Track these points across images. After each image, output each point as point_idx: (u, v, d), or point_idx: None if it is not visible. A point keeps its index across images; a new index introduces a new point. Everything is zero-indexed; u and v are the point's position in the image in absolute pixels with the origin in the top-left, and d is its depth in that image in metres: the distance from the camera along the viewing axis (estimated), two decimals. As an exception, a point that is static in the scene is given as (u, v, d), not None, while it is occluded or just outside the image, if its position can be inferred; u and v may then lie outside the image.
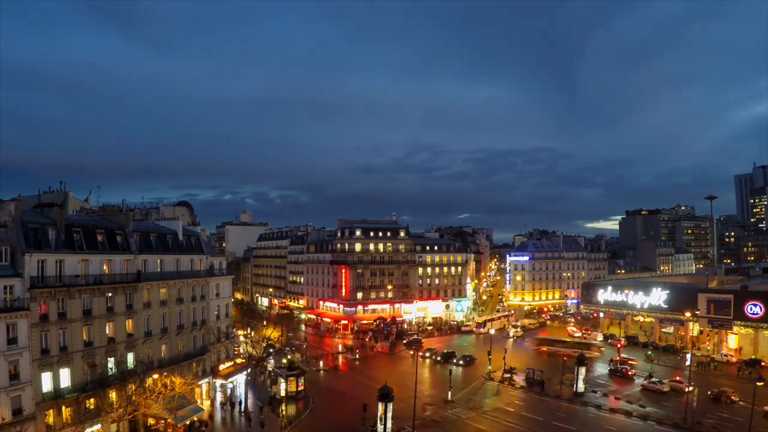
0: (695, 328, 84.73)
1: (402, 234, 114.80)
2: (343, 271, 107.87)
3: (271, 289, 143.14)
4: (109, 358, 44.46)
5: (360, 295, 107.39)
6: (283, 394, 57.02)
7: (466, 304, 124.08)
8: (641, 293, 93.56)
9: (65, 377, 40.74)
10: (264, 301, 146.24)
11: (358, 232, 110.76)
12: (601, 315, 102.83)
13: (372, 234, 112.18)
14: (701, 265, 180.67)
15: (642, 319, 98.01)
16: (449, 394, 58.46)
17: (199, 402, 53.72)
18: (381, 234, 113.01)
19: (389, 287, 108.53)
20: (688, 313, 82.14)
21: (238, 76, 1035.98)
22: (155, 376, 47.88)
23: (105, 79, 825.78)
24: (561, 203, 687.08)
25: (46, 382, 39.34)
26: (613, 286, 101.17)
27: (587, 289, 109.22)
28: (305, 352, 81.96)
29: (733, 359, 74.95)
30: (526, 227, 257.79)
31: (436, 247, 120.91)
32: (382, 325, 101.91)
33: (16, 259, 38.29)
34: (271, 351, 67.40)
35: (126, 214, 52.30)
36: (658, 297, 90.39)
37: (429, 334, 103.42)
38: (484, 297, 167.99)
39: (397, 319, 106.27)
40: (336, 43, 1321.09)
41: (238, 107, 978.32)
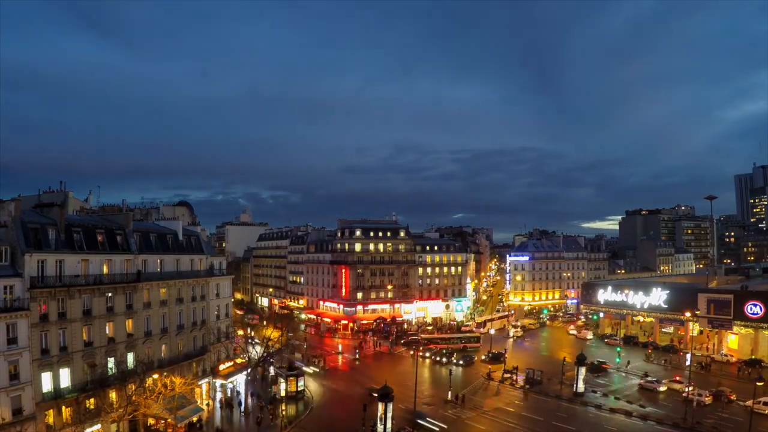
0: (695, 328, 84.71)
1: (402, 234, 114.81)
2: (343, 271, 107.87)
3: (271, 289, 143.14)
4: (109, 358, 44.46)
5: (360, 295, 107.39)
6: (283, 394, 57.00)
7: (466, 304, 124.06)
8: (641, 293, 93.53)
9: (65, 377, 40.74)
10: (264, 301, 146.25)
11: (358, 232, 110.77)
12: (601, 315, 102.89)
13: (372, 234, 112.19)
14: (701, 265, 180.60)
15: (642, 319, 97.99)
16: (449, 394, 58.50)
17: (199, 402, 53.71)
18: (381, 234, 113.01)
19: (389, 287, 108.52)
20: (688, 313, 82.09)
21: (220, 79, 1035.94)
22: (155, 376, 47.87)
23: (84, 81, 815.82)
24: (554, 203, 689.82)
25: (46, 382, 39.34)
26: (613, 286, 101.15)
27: (587, 289, 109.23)
28: (305, 352, 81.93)
29: (733, 359, 74.94)
30: (526, 227, 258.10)
31: (436, 247, 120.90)
32: (382, 325, 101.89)
33: (16, 259, 38.29)
34: (271, 351, 67.37)
35: (126, 214, 52.30)
36: (658, 297, 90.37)
37: (429, 334, 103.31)
38: (484, 297, 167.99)
39: (397, 319, 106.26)
40: (315, 44, 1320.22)
41: (222, 108, 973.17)
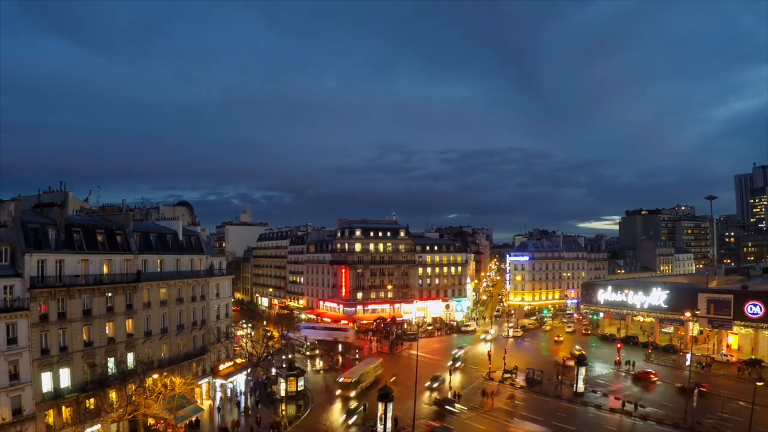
0: (695, 328, 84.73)
1: (402, 234, 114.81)
2: (343, 271, 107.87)
3: (271, 289, 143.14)
4: (109, 358, 44.47)
5: (360, 295, 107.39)
6: (283, 394, 56.98)
7: (466, 304, 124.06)
8: (641, 293, 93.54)
9: (65, 377, 40.76)
10: (264, 301, 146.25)
11: (358, 232, 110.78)
12: (601, 315, 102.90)
13: (372, 234, 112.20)
14: (701, 265, 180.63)
15: (642, 319, 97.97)
16: (449, 393, 58.46)
17: (199, 402, 53.72)
18: (381, 234, 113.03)
19: (389, 287, 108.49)
20: (688, 313, 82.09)
21: (199, 80, 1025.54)
22: (155, 376, 47.89)
23: (63, 84, 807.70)
24: (547, 203, 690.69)
25: (46, 382, 39.35)
26: (613, 286, 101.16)
27: (587, 289, 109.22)
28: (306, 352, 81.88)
29: (733, 359, 74.94)
30: (526, 227, 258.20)
31: (436, 247, 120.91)
32: (382, 325, 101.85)
33: (16, 259, 38.30)
34: (271, 351, 67.36)
35: (126, 214, 52.30)
36: (658, 297, 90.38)
37: (429, 334, 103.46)
38: (484, 297, 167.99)
39: (397, 319, 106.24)
40: (289, 45, 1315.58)
41: (204, 110, 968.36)
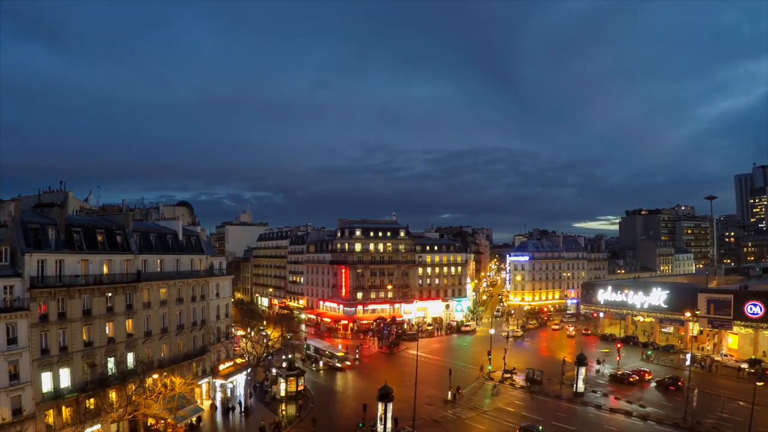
0: (695, 328, 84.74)
1: (402, 234, 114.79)
2: (343, 271, 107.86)
3: (271, 289, 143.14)
4: (109, 358, 44.46)
5: (360, 295, 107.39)
6: (283, 394, 57.00)
7: (466, 304, 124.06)
8: (641, 293, 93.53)
9: (65, 377, 40.74)
10: (264, 301, 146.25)
11: (358, 232, 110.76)
12: (601, 315, 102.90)
13: (372, 234, 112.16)
14: (701, 265, 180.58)
15: (642, 319, 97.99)
16: (449, 393, 58.50)
17: (199, 402, 53.73)
18: (381, 234, 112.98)
19: (389, 287, 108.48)
20: (688, 313, 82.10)
21: (172, 84, 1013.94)
22: (155, 376, 47.91)
23: (35, 87, 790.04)
24: (539, 203, 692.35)
25: (46, 382, 39.34)
26: (613, 286, 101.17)
27: (587, 289, 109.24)
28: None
29: (732, 359, 74.94)
30: (526, 227, 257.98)
31: (436, 247, 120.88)
32: (382, 325, 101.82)
33: (16, 259, 38.28)
34: (271, 351, 67.37)
35: (126, 214, 52.27)
36: (658, 297, 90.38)
37: (429, 334, 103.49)
38: (484, 297, 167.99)
39: (397, 319, 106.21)
40: (259, 46, 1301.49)
41: (182, 111, 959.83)
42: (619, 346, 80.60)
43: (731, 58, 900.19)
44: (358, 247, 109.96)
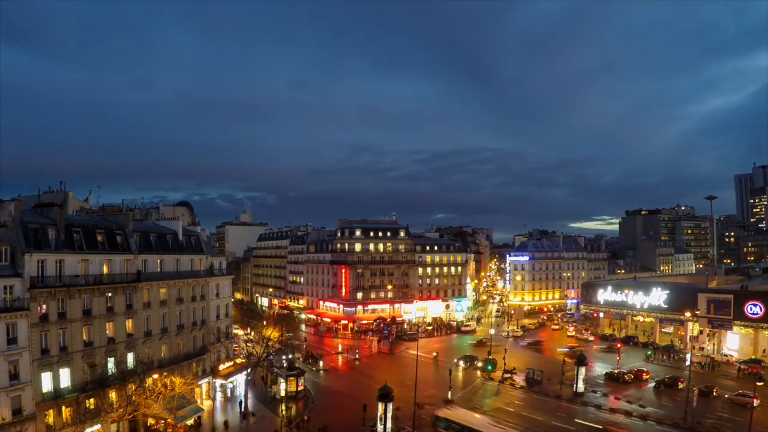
0: (695, 328, 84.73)
1: (402, 234, 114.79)
2: (343, 271, 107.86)
3: (271, 289, 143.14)
4: (109, 358, 44.46)
5: (360, 295, 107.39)
6: (283, 394, 57.00)
7: (465, 304, 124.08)
8: (641, 293, 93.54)
9: (65, 377, 40.75)
10: (264, 301, 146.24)
11: (358, 232, 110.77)
12: (601, 315, 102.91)
13: (372, 234, 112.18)
14: (701, 265, 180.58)
15: (642, 319, 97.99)
16: (449, 393, 58.49)
17: (199, 402, 53.73)
18: (381, 234, 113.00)
19: (389, 287, 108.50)
20: (688, 313, 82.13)
21: (150, 86, 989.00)
22: (155, 376, 47.91)
23: (16, 89, 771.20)
24: (532, 203, 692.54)
25: (46, 382, 39.34)
26: (613, 286, 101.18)
27: (587, 289, 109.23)
28: (308, 352, 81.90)
29: (733, 359, 74.93)
30: (526, 227, 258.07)
31: (436, 247, 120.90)
32: (382, 325, 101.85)
33: (16, 259, 38.28)
34: (271, 351, 67.35)
35: (126, 214, 52.26)
36: (658, 297, 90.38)
37: (429, 334, 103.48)
38: (484, 297, 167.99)
39: (397, 319, 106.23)
40: (237, 48, 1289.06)
41: (164, 113, 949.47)
42: (618, 346, 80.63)
43: (717, 54, 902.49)
44: (358, 247, 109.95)
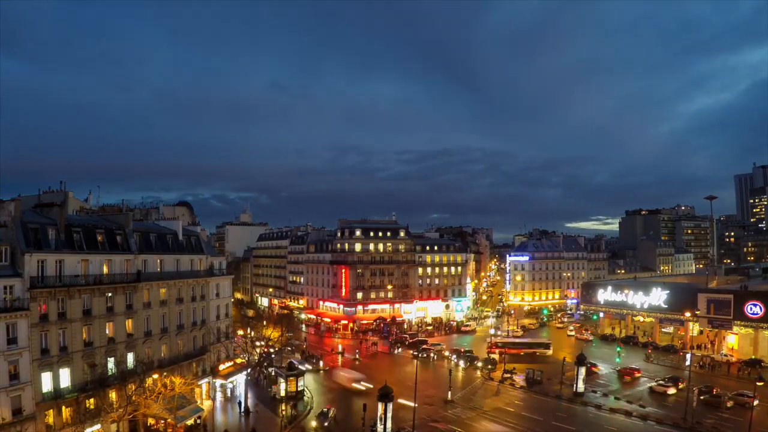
0: (695, 328, 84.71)
1: (402, 234, 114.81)
2: (343, 271, 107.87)
3: (271, 289, 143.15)
4: (109, 358, 44.45)
5: (360, 295, 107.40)
6: (283, 394, 56.99)
7: (466, 304, 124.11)
8: (641, 293, 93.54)
9: (65, 377, 40.73)
10: (264, 301, 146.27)
11: (358, 232, 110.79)
12: (601, 315, 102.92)
13: (372, 234, 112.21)
14: (701, 265, 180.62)
15: (642, 319, 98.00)
16: (449, 394, 58.50)
17: (199, 402, 53.73)
18: (381, 234, 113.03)
19: (389, 287, 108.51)
20: (688, 313, 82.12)
21: (127, 88, 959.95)
22: (155, 376, 47.89)
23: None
24: (525, 203, 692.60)
25: (46, 382, 39.33)
26: (613, 286, 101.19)
27: (587, 289, 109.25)
28: (305, 352, 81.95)
29: (733, 359, 74.93)
30: (526, 227, 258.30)
31: (436, 247, 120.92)
32: (382, 325, 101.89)
33: (16, 259, 38.27)
34: (271, 351, 67.37)
35: (126, 214, 52.24)
36: (658, 297, 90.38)
37: (429, 334, 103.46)
38: (484, 297, 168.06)
39: (397, 319, 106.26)
40: (213, 49, 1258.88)
41: (145, 114, 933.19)
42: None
43: (703, 51, 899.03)
44: (358, 247, 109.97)
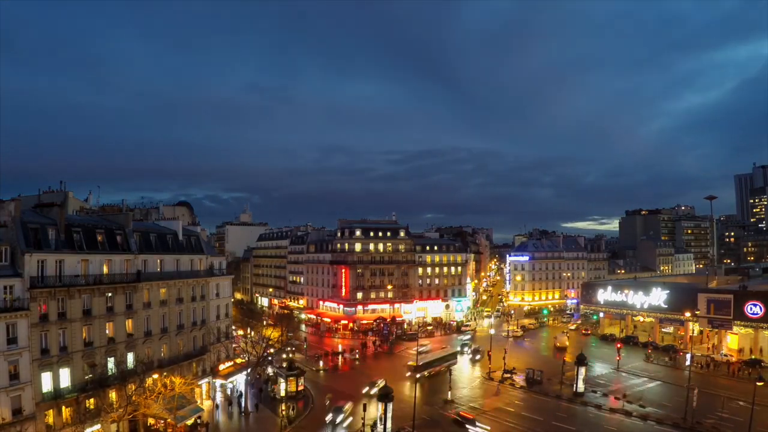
0: (695, 328, 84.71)
1: (402, 234, 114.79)
2: (343, 271, 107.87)
3: (271, 289, 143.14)
4: (109, 358, 44.47)
5: (360, 295, 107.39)
6: (283, 394, 56.99)
7: (466, 304, 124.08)
8: (641, 293, 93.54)
9: (65, 377, 40.76)
10: (264, 301, 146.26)
11: (358, 232, 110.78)
12: (601, 315, 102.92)
13: (372, 234, 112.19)
14: (701, 265, 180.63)
15: (642, 319, 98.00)
16: (449, 393, 58.49)
17: (199, 402, 53.73)
18: (381, 234, 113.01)
19: (389, 287, 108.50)
20: (688, 313, 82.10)
21: (112, 90, 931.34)
22: (155, 376, 47.91)
23: None
24: (519, 203, 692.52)
25: (46, 382, 39.36)
26: (613, 286, 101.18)
27: (587, 289, 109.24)
28: (305, 352, 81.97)
29: (733, 359, 74.93)
30: (526, 227, 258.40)
31: (436, 247, 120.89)
32: (382, 325, 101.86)
33: (16, 259, 38.29)
34: (271, 351, 67.36)
35: (126, 214, 52.29)
36: (658, 297, 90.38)
37: (429, 334, 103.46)
38: (484, 297, 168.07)
39: (397, 319, 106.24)
40: (190, 48, 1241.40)
41: (130, 115, 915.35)
42: (618, 346, 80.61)
43: (687, 49, 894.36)
44: (358, 247, 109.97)
